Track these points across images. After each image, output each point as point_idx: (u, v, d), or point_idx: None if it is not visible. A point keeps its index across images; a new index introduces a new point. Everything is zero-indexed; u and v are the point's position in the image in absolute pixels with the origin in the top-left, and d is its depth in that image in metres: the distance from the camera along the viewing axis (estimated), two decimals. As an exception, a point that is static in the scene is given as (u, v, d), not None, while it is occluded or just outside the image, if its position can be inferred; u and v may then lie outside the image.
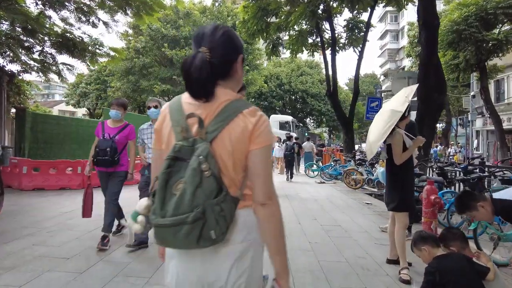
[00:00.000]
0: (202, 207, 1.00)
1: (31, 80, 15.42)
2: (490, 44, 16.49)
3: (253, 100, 39.56)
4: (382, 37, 56.79)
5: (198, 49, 1.13)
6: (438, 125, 37.45)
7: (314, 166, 13.72)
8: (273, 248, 1.16)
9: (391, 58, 53.60)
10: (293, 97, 40.35)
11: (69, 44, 8.86)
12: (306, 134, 38.09)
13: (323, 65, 15.42)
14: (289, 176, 11.79)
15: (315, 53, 16.38)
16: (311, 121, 43.32)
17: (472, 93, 22.21)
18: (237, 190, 1.11)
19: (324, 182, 11.50)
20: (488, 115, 21.61)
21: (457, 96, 26.94)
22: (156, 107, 4.25)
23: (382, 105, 13.34)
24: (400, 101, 3.42)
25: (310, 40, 15.41)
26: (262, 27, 13.41)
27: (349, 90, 46.02)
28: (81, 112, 53.46)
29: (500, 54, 16.80)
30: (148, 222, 1.11)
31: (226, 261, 1.11)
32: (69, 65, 9.83)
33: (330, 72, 14.29)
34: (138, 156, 4.63)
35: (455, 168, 6.57)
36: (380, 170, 7.04)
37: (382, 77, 57.50)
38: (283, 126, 24.21)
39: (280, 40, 14.53)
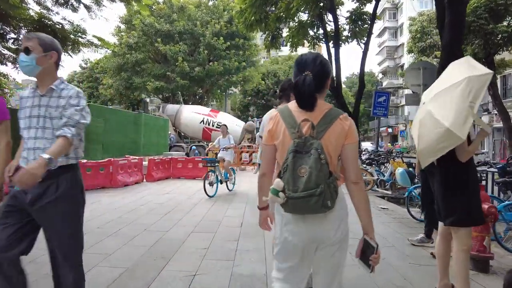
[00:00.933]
0: (323, 184, 1.46)
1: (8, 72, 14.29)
2: (499, 37, 15.70)
3: (249, 98, 38.73)
4: (380, 34, 56.10)
5: (302, 73, 1.62)
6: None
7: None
8: (363, 210, 1.62)
9: (389, 56, 52.90)
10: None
11: (47, 31, 7.89)
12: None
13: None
14: None
15: (316, 46, 15.50)
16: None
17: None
18: (336, 173, 1.60)
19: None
20: (496, 112, 20.89)
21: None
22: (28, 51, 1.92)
23: (389, 100, 12.51)
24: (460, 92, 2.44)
25: (311, 33, 14.57)
26: (260, 17, 12.50)
27: (347, 88, 45.27)
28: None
29: (510, 48, 16.02)
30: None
31: (333, 223, 1.59)
32: (48, 55, 8.84)
33: (334, 66, 13.40)
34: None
35: (490, 169, 5.72)
36: (399, 171, 6.17)
37: (381, 75, 56.81)
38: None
39: (280, 31, 13.63)
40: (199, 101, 28.51)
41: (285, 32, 14.59)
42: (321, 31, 14.53)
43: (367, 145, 31.01)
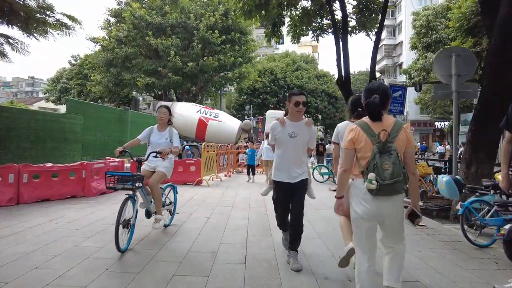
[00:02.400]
0: (402, 174, 2.26)
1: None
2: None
3: (245, 97, 37.26)
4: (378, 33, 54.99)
5: (372, 96, 2.40)
6: (444, 122, 35.79)
7: (323, 168, 11.51)
8: (415, 192, 2.53)
9: (387, 54, 51.81)
10: (288, 94, 38.07)
11: (3, 7, 6.46)
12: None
13: (319, 60, 13.34)
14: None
15: (319, 38, 14.16)
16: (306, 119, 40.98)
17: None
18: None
19: (339, 190, 9.31)
20: None
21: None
22: None
23: (406, 95, 11.22)
24: None
25: (314, 24, 13.24)
26: (261, 1, 11.13)
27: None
28: (62, 109, 50.46)
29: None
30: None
31: (400, 202, 2.41)
32: (9, 37, 7.41)
33: (342, 58, 12.08)
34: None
35: None
36: (444, 179, 4.83)
37: (378, 74, 55.71)
38: (280, 123, 21.73)
39: (282, 18, 12.25)
40: (193, 99, 27.01)
41: (286, 24, 13.26)
42: (325, 21, 13.26)
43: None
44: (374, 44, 12.23)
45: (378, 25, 12.66)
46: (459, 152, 22.55)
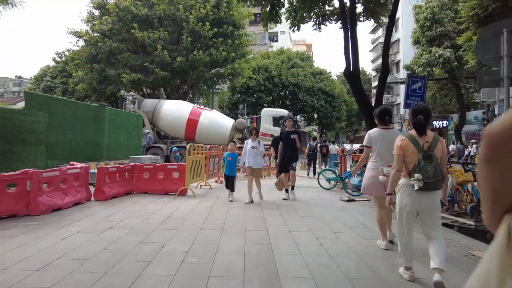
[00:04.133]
0: (441, 174, 3.08)
1: None
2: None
3: (239, 95, 35.54)
4: (374, 30, 53.87)
5: (418, 115, 3.16)
6: (442, 121, 34.46)
7: (329, 172, 9.91)
8: (445, 188, 3.42)
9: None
10: (282, 93, 36.45)
11: None
12: (323, 134, 34.57)
13: (314, 57, 11.81)
14: (312, 173, 13.72)
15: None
16: (301, 118, 39.41)
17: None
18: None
19: (353, 200, 7.71)
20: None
21: (473, 86, 23.78)
22: None
23: (426, 87, 9.70)
24: None
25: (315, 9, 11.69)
26: (257, -20, 9.55)
27: (342, 84, 42.59)
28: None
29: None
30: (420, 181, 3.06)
31: (437, 196, 3.17)
32: None
33: (350, 49, 10.56)
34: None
35: None
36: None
37: (374, 73, 54.49)
38: (277, 121, 20.12)
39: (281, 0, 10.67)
40: (183, 98, 25.25)
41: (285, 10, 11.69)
42: (327, 8, 11.75)
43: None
44: (387, 29, 10.71)
45: (389, 10, 11.20)
46: (466, 152, 21.18)
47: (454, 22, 21.83)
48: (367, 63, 65.35)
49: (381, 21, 12.34)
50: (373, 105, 10.36)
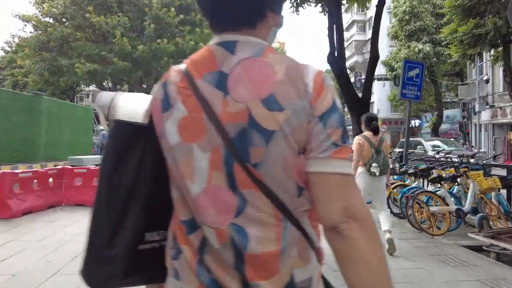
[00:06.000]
0: (387, 163, 4.31)
1: None
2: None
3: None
4: (348, 28, 53.44)
5: (373, 121, 4.56)
6: (415, 120, 34.20)
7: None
8: (388, 174, 4.73)
9: (358, 51, 50.20)
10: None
11: None
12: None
13: (288, 52, 10.23)
14: None
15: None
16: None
17: (485, 77, 18.21)
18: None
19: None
20: (499, 106, 17.87)
21: (454, 84, 23.26)
22: None
23: (423, 75, 8.38)
24: None
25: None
26: None
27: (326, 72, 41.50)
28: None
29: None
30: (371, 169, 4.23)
31: (384, 180, 4.46)
32: None
33: (335, 35, 9.14)
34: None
35: None
36: None
37: (349, 71, 54.14)
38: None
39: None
40: (147, 93, 23.04)
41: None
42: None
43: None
44: (376, 14, 9.34)
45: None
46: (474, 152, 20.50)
47: (433, 16, 21.13)
48: (340, 62, 64.39)
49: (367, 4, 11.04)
50: (360, 96, 8.96)
